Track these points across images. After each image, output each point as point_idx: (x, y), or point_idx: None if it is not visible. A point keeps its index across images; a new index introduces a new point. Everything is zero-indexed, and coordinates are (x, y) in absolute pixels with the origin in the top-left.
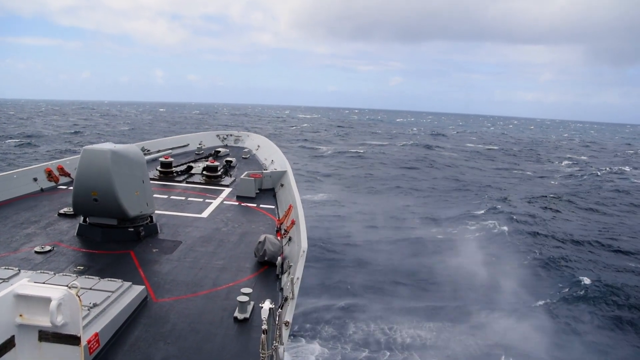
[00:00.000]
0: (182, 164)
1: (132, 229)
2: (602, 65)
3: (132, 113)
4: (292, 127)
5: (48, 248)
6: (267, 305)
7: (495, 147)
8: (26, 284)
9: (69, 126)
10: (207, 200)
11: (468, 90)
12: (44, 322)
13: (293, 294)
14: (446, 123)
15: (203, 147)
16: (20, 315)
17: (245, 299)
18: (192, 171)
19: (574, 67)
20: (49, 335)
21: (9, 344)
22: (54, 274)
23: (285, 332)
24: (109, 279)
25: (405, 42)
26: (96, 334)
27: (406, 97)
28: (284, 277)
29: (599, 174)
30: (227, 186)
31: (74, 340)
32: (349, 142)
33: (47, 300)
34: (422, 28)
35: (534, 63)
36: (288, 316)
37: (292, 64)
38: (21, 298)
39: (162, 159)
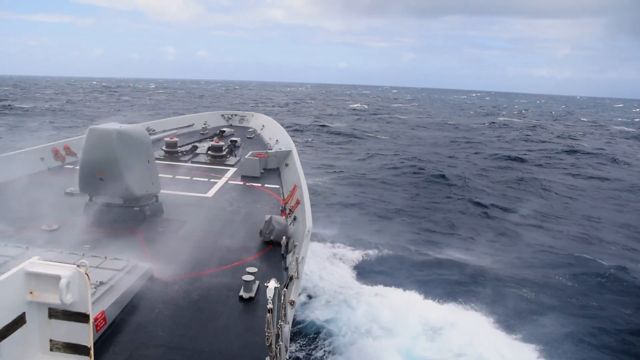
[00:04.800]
0: (187, 144)
1: (138, 209)
2: (622, 40)
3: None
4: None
5: (55, 227)
6: (272, 284)
7: None
8: (36, 261)
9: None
10: (212, 180)
11: (480, 66)
12: (53, 299)
13: (298, 274)
14: (489, 102)
15: (208, 127)
16: (31, 293)
17: (250, 278)
18: (197, 151)
19: (594, 41)
20: (58, 313)
21: (20, 320)
22: (61, 252)
23: (291, 311)
24: (115, 257)
25: (420, 17)
26: (102, 312)
27: (418, 74)
28: (289, 257)
29: None
30: (232, 166)
31: (83, 317)
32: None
33: (57, 278)
34: (438, 1)
35: (552, 38)
36: (293, 295)
37: (303, 40)
38: (31, 276)
39: (167, 139)
